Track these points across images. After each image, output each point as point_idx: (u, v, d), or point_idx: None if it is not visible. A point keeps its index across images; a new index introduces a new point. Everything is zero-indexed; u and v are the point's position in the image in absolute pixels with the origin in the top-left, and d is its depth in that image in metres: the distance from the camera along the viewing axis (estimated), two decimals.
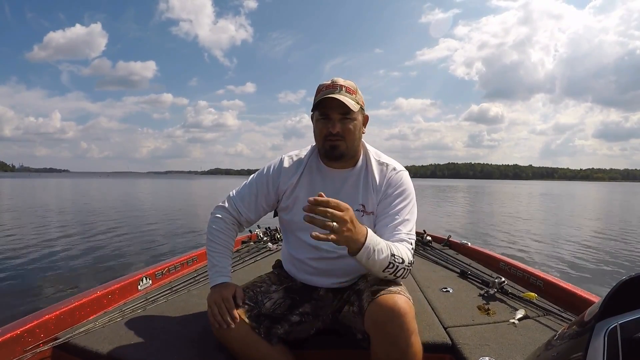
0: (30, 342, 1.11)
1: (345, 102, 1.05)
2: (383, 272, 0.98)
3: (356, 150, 1.16)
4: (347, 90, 1.08)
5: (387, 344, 0.94)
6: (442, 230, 6.37)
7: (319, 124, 1.11)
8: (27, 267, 4.42)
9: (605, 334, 0.51)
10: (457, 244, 2.58)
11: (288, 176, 1.18)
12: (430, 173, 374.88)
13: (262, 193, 1.20)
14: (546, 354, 0.69)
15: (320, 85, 1.13)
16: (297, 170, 1.18)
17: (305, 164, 1.19)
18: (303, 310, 1.15)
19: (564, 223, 9.94)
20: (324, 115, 1.09)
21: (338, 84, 1.09)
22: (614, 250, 5.95)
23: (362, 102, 1.13)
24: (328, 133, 1.09)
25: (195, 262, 2.09)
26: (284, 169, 1.19)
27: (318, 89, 1.12)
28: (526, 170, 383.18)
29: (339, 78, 1.11)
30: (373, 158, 1.18)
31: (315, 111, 1.11)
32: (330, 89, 1.08)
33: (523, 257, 5.27)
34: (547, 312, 1.36)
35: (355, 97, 1.09)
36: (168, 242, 6.25)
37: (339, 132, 1.08)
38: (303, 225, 1.08)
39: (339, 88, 1.08)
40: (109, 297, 1.44)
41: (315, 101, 1.09)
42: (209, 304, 1.06)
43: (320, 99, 1.07)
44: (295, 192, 1.17)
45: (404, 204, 1.12)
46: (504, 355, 1.07)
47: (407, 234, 1.07)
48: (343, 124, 1.08)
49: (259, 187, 1.20)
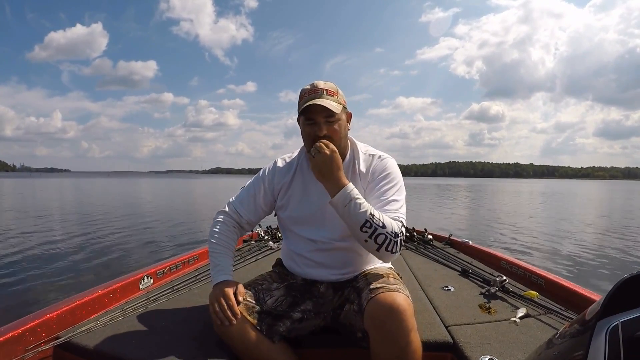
0: (31, 342, 1.11)
1: (328, 105, 1.10)
2: (361, 230, 1.01)
3: (344, 147, 1.21)
4: (329, 93, 1.13)
5: (386, 342, 0.94)
6: (443, 228, 6.37)
7: (306, 128, 1.15)
8: (28, 266, 4.44)
9: (606, 333, 0.51)
10: (458, 242, 2.58)
11: (282, 176, 1.25)
12: (431, 172, 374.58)
13: (260, 194, 1.25)
14: (547, 352, 0.69)
15: (302, 90, 1.17)
16: (289, 170, 1.25)
17: (297, 163, 1.25)
18: (304, 307, 1.16)
19: (565, 221, 9.93)
20: (309, 120, 1.14)
21: (319, 87, 1.13)
22: (615, 249, 5.95)
23: (343, 102, 1.18)
24: (316, 136, 1.13)
25: (197, 260, 2.10)
26: (277, 169, 1.26)
27: (301, 95, 1.17)
28: (527, 168, 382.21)
29: (319, 82, 1.15)
30: (360, 151, 1.23)
31: (301, 117, 1.15)
32: (313, 94, 1.13)
33: (524, 256, 5.27)
34: (549, 311, 1.36)
35: (337, 99, 1.14)
36: (169, 241, 6.27)
37: (326, 135, 1.12)
38: (299, 220, 1.22)
39: (320, 92, 1.13)
40: (110, 296, 1.45)
41: (299, 107, 1.14)
42: (211, 301, 1.07)
43: (304, 105, 1.11)
44: (290, 191, 1.23)
45: (390, 185, 1.15)
46: (505, 354, 1.06)
47: (395, 212, 1.09)
48: (329, 126, 1.13)
49: (256, 189, 1.26)
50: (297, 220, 1.22)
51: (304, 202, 1.21)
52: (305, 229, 1.20)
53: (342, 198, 1.03)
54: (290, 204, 1.23)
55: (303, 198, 1.22)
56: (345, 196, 1.03)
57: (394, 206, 1.11)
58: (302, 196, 1.22)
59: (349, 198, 1.02)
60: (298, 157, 1.27)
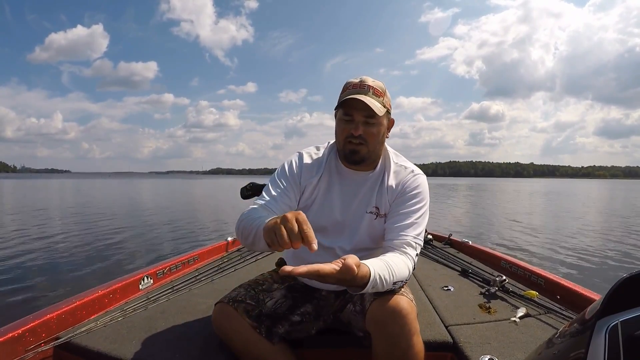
0: (31, 342, 1.11)
1: (371, 105, 1.00)
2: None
3: (378, 154, 1.12)
4: (375, 92, 1.04)
5: (388, 344, 0.94)
6: (443, 228, 6.36)
7: (341, 123, 1.07)
8: (28, 266, 4.44)
9: (606, 332, 0.51)
10: (458, 242, 2.58)
11: (309, 174, 1.13)
12: (431, 172, 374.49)
13: (289, 185, 1.11)
14: (547, 352, 0.69)
15: (347, 82, 1.07)
16: (317, 170, 1.14)
17: (324, 163, 1.14)
18: (304, 310, 1.14)
19: (565, 221, 9.93)
20: (347, 115, 1.05)
21: (366, 84, 1.04)
22: (615, 248, 5.94)
23: (389, 106, 1.08)
24: (350, 135, 1.05)
25: (197, 261, 2.09)
26: (304, 165, 1.14)
27: (344, 87, 1.07)
28: (528, 168, 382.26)
29: (367, 77, 1.06)
30: (392, 161, 1.15)
31: (339, 110, 1.07)
32: (357, 88, 1.03)
33: (524, 255, 5.27)
34: (548, 310, 1.36)
35: (382, 100, 1.05)
36: (169, 241, 6.27)
37: (361, 135, 1.04)
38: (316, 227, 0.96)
39: (366, 88, 1.03)
40: (110, 297, 1.45)
41: (340, 99, 1.05)
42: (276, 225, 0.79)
43: (345, 98, 1.02)
44: (314, 193, 1.13)
45: (417, 207, 1.07)
46: (505, 354, 1.07)
47: (414, 238, 1.03)
48: (367, 127, 1.04)
49: (284, 180, 1.11)
50: (314, 226, 1.01)
51: (325, 208, 1.13)
52: (321, 235, 1.05)
53: (365, 291, 0.86)
54: (312, 208, 1.13)
55: (325, 203, 1.13)
56: (368, 289, 0.86)
57: (415, 230, 1.04)
58: (324, 201, 1.13)
59: (371, 287, 0.85)
60: (327, 155, 1.16)
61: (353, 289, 0.86)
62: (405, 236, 1.02)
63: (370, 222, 1.12)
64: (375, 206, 1.12)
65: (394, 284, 0.93)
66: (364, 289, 0.85)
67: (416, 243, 1.03)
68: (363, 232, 1.12)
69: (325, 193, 1.13)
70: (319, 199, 1.13)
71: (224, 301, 1.08)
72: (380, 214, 1.11)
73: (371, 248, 1.13)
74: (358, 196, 1.13)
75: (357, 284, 0.83)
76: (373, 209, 1.12)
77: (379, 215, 1.11)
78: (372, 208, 1.12)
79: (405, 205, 1.08)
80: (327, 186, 1.14)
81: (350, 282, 0.81)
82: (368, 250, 1.12)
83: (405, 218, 1.05)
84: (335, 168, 1.15)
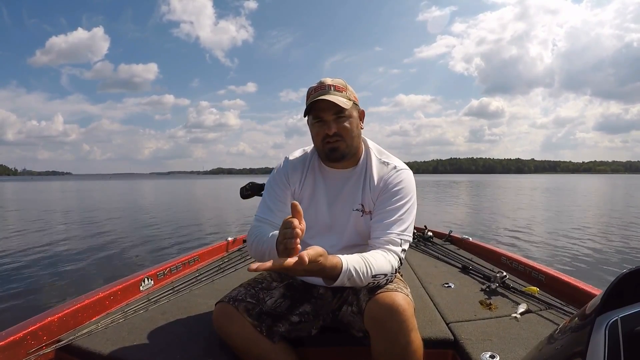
0: (33, 345, 1.11)
1: (336, 101, 1.03)
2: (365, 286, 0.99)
3: (357, 147, 1.14)
4: (337, 89, 1.07)
5: (386, 342, 0.94)
6: (444, 225, 6.36)
7: (314, 127, 1.10)
8: (29, 269, 4.44)
9: (606, 328, 0.51)
10: (459, 239, 2.58)
11: (295, 175, 1.18)
12: (432, 169, 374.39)
13: (282, 191, 1.16)
14: (548, 347, 0.69)
15: (310, 88, 1.11)
16: (301, 171, 1.18)
17: (308, 165, 1.18)
18: (303, 310, 1.15)
19: (565, 216, 9.92)
20: (317, 118, 1.08)
21: (326, 84, 1.07)
22: (615, 244, 5.94)
23: (354, 98, 1.11)
24: (325, 135, 1.07)
25: (197, 261, 2.10)
26: (290, 167, 1.19)
27: (308, 93, 1.11)
28: (528, 164, 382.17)
29: (326, 78, 1.09)
30: (374, 156, 1.16)
31: (309, 115, 1.10)
32: (319, 90, 1.07)
33: (525, 251, 5.27)
34: (549, 306, 1.36)
35: (346, 94, 1.08)
36: (170, 242, 6.27)
37: (336, 133, 1.07)
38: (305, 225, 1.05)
39: (327, 88, 1.07)
40: (111, 299, 1.45)
41: (306, 105, 1.08)
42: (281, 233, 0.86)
43: (311, 102, 1.05)
44: (301, 194, 1.17)
45: (400, 203, 1.08)
46: (506, 350, 1.07)
47: (399, 234, 1.04)
48: (338, 123, 1.07)
49: (276, 188, 1.17)
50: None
51: (311, 208, 1.16)
52: (310, 234, 1.09)
53: (339, 282, 0.90)
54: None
55: (311, 203, 1.16)
56: (343, 280, 0.90)
57: (401, 227, 1.05)
58: (311, 202, 1.17)
59: (346, 278, 0.89)
60: (309, 157, 1.20)
61: (326, 281, 0.91)
62: (389, 233, 1.04)
63: (357, 220, 1.13)
64: (360, 204, 1.14)
65: (374, 277, 0.95)
66: (336, 280, 0.89)
67: (401, 239, 1.04)
68: (351, 230, 1.14)
69: (311, 194, 1.17)
70: (305, 200, 1.16)
71: (225, 301, 1.08)
72: (365, 211, 1.13)
73: (361, 245, 1.14)
74: (343, 194, 1.15)
75: (327, 275, 0.88)
76: (359, 206, 1.13)
77: (365, 213, 1.13)
78: (358, 205, 1.13)
79: (389, 202, 1.09)
80: (312, 187, 1.17)
81: (319, 272, 0.86)
82: (358, 247, 1.12)
83: (390, 215, 1.07)
84: (319, 168, 1.19)
